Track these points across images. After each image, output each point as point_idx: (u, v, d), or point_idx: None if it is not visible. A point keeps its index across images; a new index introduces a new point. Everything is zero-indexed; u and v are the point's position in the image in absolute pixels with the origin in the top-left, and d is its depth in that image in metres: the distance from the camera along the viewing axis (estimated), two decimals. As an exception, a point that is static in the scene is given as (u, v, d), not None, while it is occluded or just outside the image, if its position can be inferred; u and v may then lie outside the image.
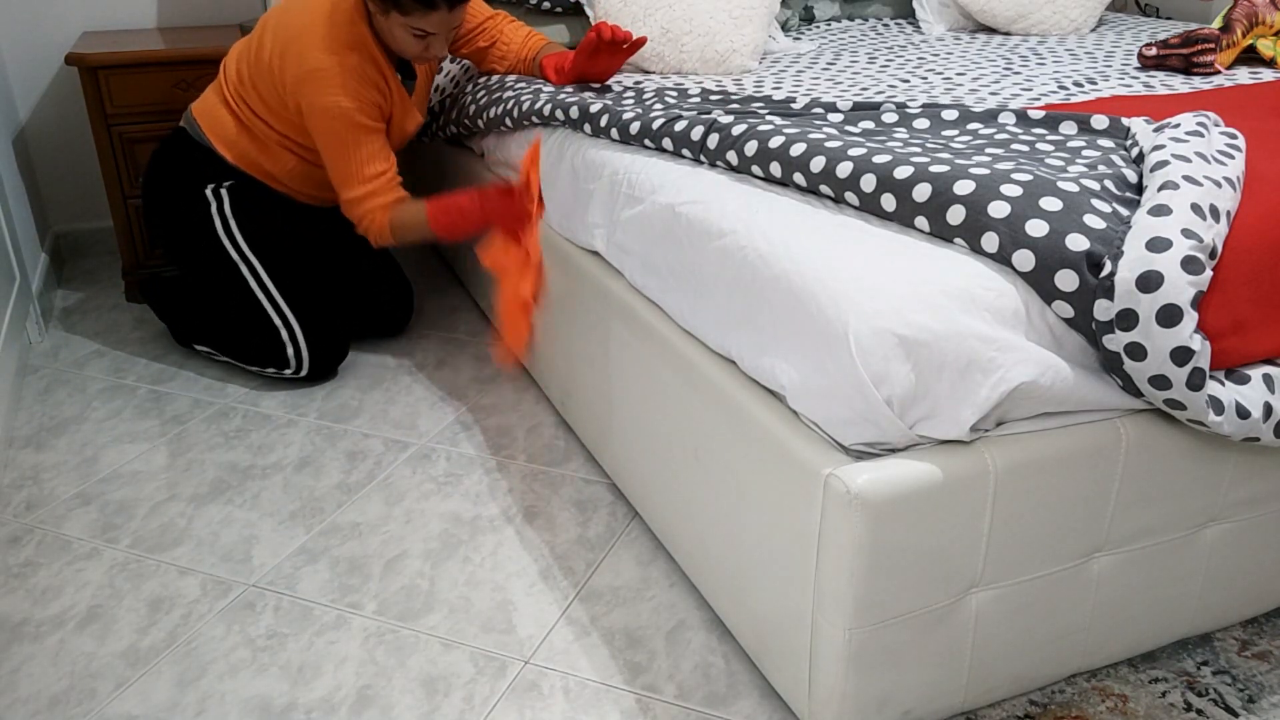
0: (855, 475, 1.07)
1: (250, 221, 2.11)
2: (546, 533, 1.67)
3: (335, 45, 1.91)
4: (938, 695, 1.24)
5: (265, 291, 2.11)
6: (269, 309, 2.10)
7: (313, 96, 1.92)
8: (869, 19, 2.80)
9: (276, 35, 1.95)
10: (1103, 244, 1.09)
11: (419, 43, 1.90)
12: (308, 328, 2.11)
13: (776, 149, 1.37)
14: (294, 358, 2.10)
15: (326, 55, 1.90)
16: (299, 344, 2.10)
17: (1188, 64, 2.01)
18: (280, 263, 2.13)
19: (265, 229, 2.13)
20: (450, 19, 1.88)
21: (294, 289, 2.14)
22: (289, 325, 2.10)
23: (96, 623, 1.48)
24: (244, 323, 2.12)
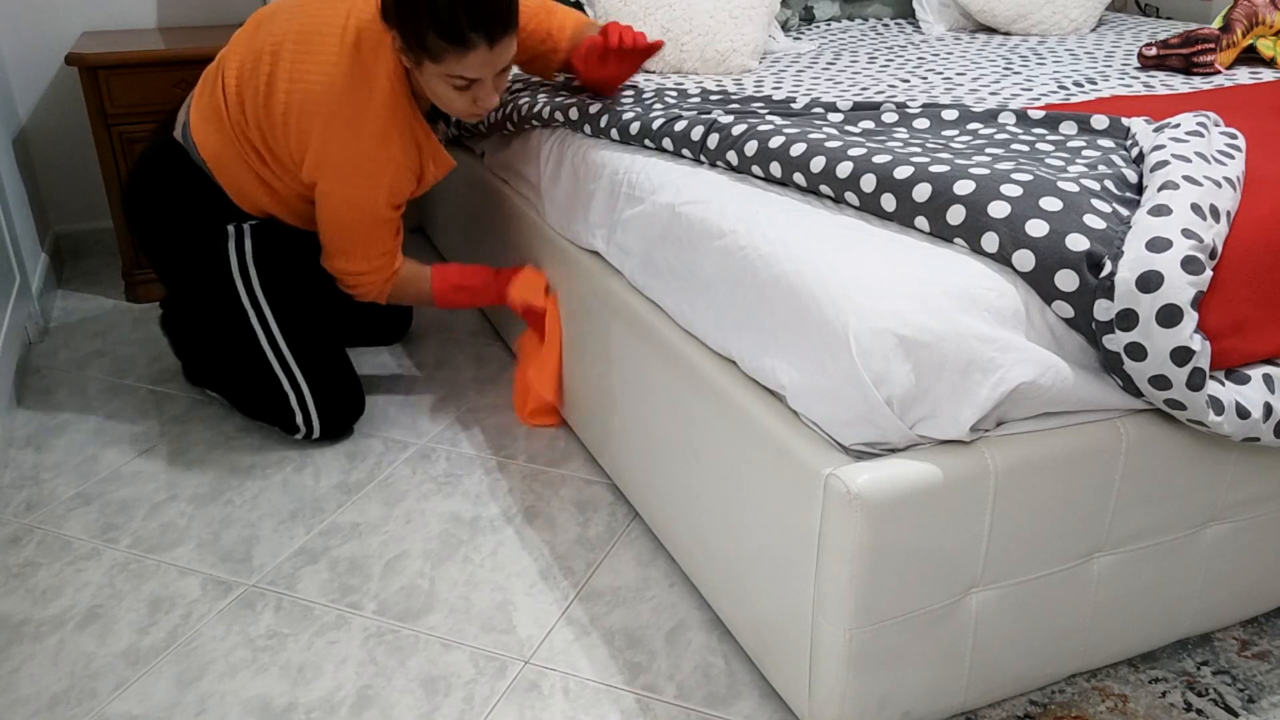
0: (855, 475, 1.07)
1: (271, 266, 1.86)
2: (546, 533, 1.67)
3: (377, 137, 1.63)
4: (938, 695, 1.24)
5: (274, 348, 1.86)
6: (276, 368, 1.86)
7: (335, 184, 1.67)
8: (869, 19, 2.80)
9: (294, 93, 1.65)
10: (1103, 244, 1.09)
11: (464, 95, 1.60)
12: (319, 390, 1.88)
13: (776, 149, 1.37)
14: (303, 423, 1.89)
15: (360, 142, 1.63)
16: (309, 409, 1.88)
17: (1188, 64, 2.01)
18: (295, 312, 1.89)
19: (284, 274, 1.88)
20: (493, 58, 1.55)
21: (307, 343, 1.89)
22: (298, 388, 1.87)
23: (96, 623, 1.48)
24: (249, 377, 1.90)
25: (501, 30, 1.54)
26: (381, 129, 1.64)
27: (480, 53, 1.53)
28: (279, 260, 1.87)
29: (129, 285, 2.57)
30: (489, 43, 1.53)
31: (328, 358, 1.92)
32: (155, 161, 1.83)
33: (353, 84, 1.63)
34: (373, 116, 1.64)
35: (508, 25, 1.55)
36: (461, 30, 1.50)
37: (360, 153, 1.65)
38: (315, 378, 1.88)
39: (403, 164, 1.69)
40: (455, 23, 1.50)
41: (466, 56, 1.53)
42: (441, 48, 1.52)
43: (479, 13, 1.50)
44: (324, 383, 1.89)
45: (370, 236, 1.75)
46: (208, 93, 1.77)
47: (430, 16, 1.50)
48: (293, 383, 1.87)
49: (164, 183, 1.82)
